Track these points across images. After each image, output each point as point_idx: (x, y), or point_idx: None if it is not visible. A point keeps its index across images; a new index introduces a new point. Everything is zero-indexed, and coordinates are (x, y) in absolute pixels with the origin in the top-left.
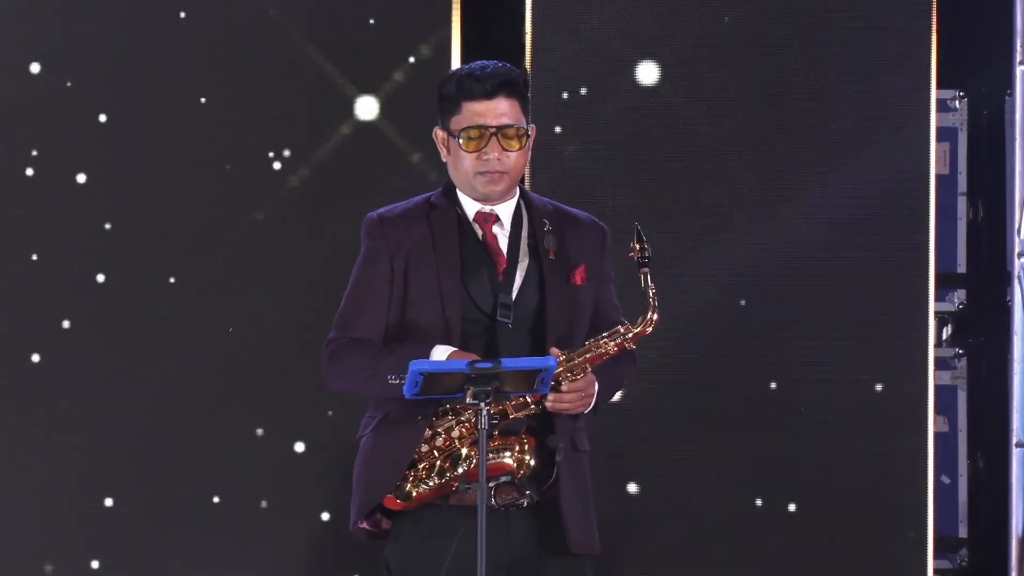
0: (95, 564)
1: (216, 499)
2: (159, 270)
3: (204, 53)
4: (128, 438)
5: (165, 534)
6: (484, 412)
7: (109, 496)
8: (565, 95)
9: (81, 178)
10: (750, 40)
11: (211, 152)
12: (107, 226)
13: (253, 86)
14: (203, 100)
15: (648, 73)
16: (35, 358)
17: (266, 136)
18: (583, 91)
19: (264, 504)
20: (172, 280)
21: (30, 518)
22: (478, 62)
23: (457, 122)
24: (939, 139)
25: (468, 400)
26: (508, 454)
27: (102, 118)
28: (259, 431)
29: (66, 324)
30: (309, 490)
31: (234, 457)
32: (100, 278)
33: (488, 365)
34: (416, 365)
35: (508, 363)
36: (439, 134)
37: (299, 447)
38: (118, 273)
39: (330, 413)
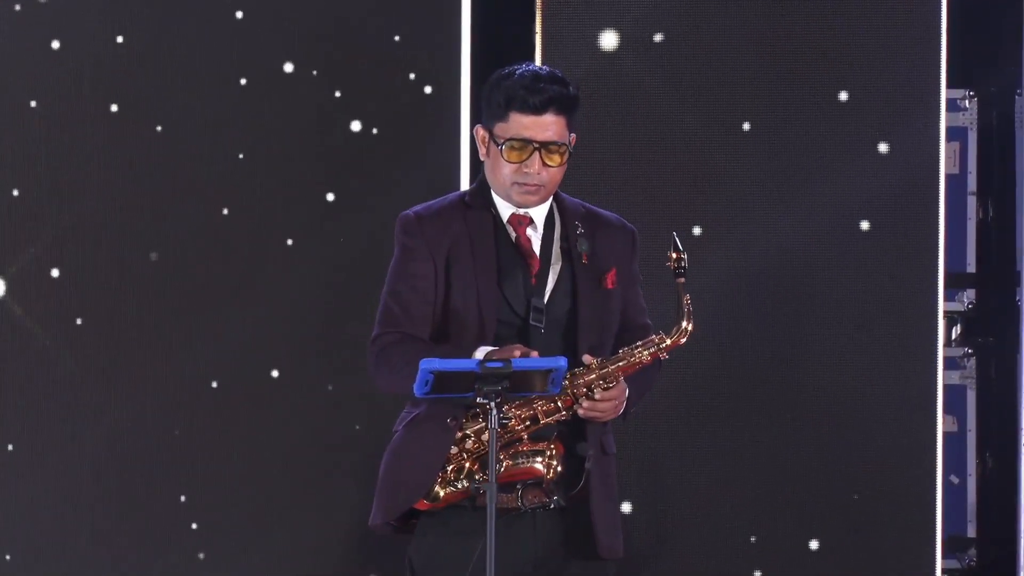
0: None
1: (239, 495)
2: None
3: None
4: (154, 433)
5: (184, 529)
6: (493, 412)
7: (129, 491)
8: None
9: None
10: (761, 39)
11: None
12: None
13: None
14: (223, 99)
15: (656, 71)
16: (59, 354)
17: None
18: (593, 89)
19: (289, 500)
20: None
21: (67, 517)
22: (531, 69)
23: (502, 129)
24: (949, 139)
25: (478, 400)
26: (539, 460)
27: (113, 107)
28: (291, 425)
29: (80, 321)
30: (337, 487)
31: (259, 452)
32: (117, 274)
33: (498, 364)
34: (426, 364)
35: (518, 363)
36: (481, 132)
37: (328, 444)
38: (137, 268)
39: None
